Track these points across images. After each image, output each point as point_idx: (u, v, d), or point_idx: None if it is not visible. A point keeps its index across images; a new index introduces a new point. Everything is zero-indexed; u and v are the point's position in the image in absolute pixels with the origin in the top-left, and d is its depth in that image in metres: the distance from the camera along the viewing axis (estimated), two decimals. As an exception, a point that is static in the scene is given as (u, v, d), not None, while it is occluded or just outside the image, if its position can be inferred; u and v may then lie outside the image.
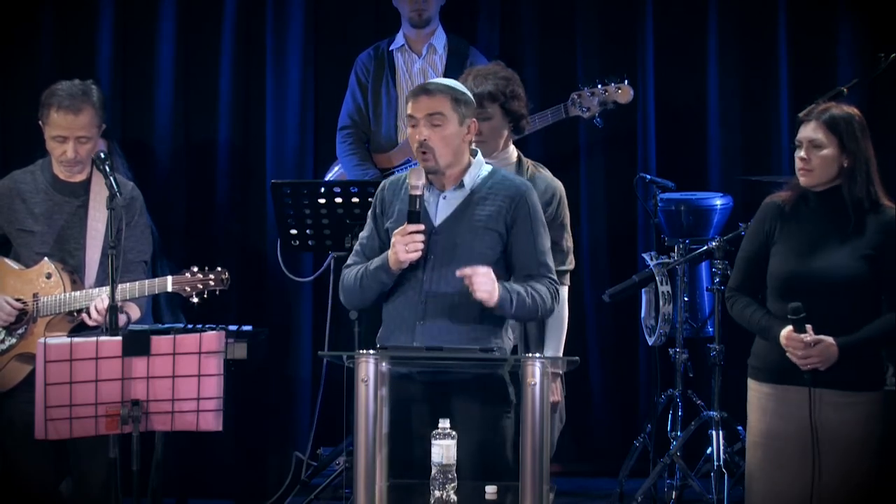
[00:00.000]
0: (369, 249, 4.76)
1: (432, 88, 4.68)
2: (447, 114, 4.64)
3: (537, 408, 4.26)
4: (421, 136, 4.63)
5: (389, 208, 4.75)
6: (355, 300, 4.79)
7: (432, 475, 4.29)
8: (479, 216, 4.66)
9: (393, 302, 4.71)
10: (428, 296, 4.63)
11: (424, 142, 4.62)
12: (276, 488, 6.85)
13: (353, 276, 4.73)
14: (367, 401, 4.33)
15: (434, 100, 4.64)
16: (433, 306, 4.63)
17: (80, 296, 5.17)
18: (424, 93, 4.66)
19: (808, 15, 7.06)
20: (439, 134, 4.63)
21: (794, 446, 4.66)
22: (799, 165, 4.70)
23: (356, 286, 4.71)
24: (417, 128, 4.64)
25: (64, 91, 5.19)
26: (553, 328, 5.14)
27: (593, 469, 7.19)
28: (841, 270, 4.63)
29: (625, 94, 6.50)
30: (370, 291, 4.70)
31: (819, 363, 4.59)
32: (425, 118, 4.62)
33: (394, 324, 4.69)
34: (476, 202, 4.68)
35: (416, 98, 4.67)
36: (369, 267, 4.68)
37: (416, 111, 4.64)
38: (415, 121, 4.65)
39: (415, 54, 6.88)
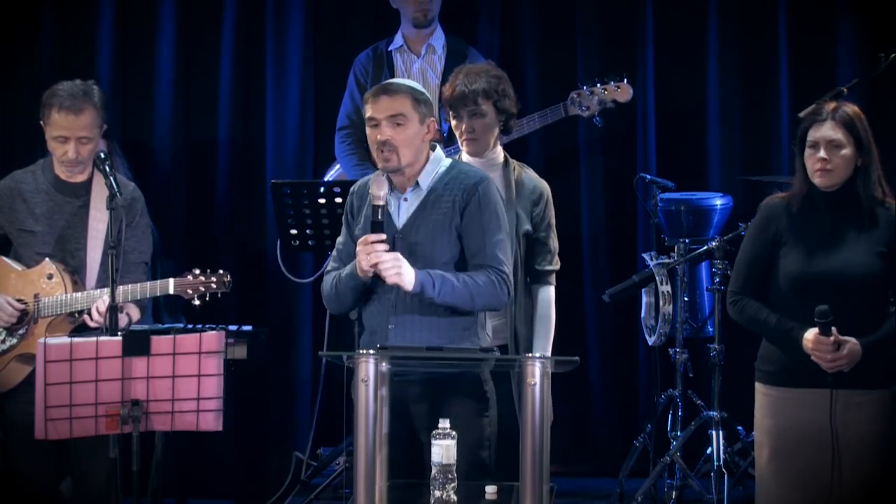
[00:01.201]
0: (345, 255, 4.76)
1: (393, 88, 4.66)
2: (408, 114, 4.62)
3: (537, 408, 4.26)
4: (383, 136, 4.61)
5: (359, 213, 4.75)
6: (333, 306, 4.80)
7: (432, 475, 4.30)
8: (436, 216, 4.66)
9: (368, 307, 4.72)
10: (397, 299, 4.64)
11: (388, 141, 4.60)
12: (276, 488, 6.85)
13: (329, 283, 4.75)
14: (367, 401, 4.33)
15: (395, 100, 4.62)
16: (402, 309, 4.64)
17: (81, 297, 5.17)
18: (385, 93, 4.64)
19: (808, 15, 7.06)
20: (402, 134, 4.62)
21: (810, 449, 4.63)
22: (818, 166, 4.64)
23: (332, 293, 4.74)
24: (379, 128, 4.62)
25: (65, 91, 5.20)
26: (541, 328, 5.14)
27: (593, 469, 7.19)
28: (856, 269, 4.62)
29: (624, 92, 6.49)
30: (346, 297, 4.71)
31: (846, 365, 4.58)
32: (387, 119, 4.61)
33: (370, 327, 4.70)
34: (433, 201, 4.68)
35: (376, 99, 4.64)
36: (341, 274, 4.70)
37: (377, 112, 4.62)
38: (376, 121, 4.63)
39: (413, 55, 6.88)
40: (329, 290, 4.75)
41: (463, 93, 5.09)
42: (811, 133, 4.67)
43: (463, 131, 5.15)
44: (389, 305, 4.65)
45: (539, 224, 5.12)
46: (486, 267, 4.65)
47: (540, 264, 5.18)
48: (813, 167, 4.66)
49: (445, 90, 5.20)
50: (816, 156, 4.65)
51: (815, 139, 4.67)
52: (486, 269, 4.65)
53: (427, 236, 4.64)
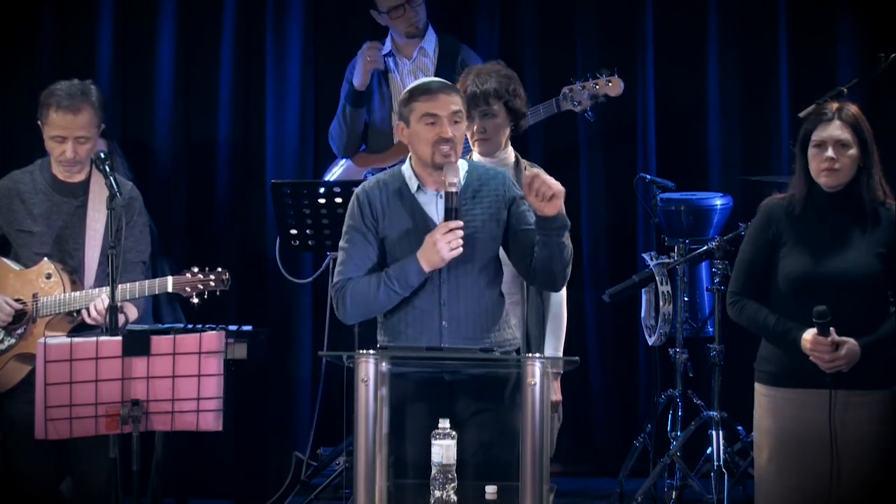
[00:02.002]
0: (366, 261, 4.66)
1: (448, 86, 4.67)
2: (464, 111, 4.67)
3: (537, 408, 4.26)
4: (447, 133, 4.59)
5: (383, 217, 4.67)
6: (371, 310, 4.69)
7: (432, 475, 4.30)
8: (480, 209, 4.66)
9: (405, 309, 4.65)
10: (448, 297, 4.62)
11: (451, 139, 4.60)
12: (276, 488, 6.85)
13: (368, 287, 4.62)
14: (367, 401, 4.33)
15: (454, 98, 4.64)
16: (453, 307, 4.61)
17: (79, 296, 5.17)
18: (443, 91, 4.64)
19: (808, 15, 7.06)
20: (459, 131, 4.64)
21: (810, 449, 4.63)
22: (825, 166, 4.63)
23: (376, 296, 4.61)
24: (440, 125, 4.60)
25: (63, 91, 5.19)
26: (553, 327, 5.14)
27: (593, 469, 7.19)
28: (856, 269, 4.62)
29: (615, 86, 6.47)
30: (394, 298, 4.62)
31: (844, 366, 4.58)
32: (449, 116, 4.60)
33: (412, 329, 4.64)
34: (469, 197, 4.67)
35: (434, 96, 4.62)
36: (392, 274, 4.59)
37: (440, 109, 4.60)
38: (437, 118, 4.60)
39: (405, 58, 6.87)
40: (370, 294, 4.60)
41: (474, 93, 5.09)
42: (817, 133, 4.66)
43: (474, 132, 5.15)
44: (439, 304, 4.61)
45: None
46: None
47: None
48: (819, 167, 4.65)
49: None
50: (824, 155, 4.64)
51: (822, 139, 4.65)
52: None
53: (476, 230, 4.64)
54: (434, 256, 4.54)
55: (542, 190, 4.50)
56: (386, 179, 4.73)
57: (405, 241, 4.63)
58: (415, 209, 4.66)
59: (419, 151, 4.65)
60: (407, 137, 4.68)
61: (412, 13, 6.76)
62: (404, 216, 4.65)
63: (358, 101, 6.79)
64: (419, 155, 4.65)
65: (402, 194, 4.68)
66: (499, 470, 4.48)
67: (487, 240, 4.66)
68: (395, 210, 4.66)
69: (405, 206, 4.67)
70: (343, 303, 4.66)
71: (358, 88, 6.77)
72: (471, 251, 4.60)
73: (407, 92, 4.70)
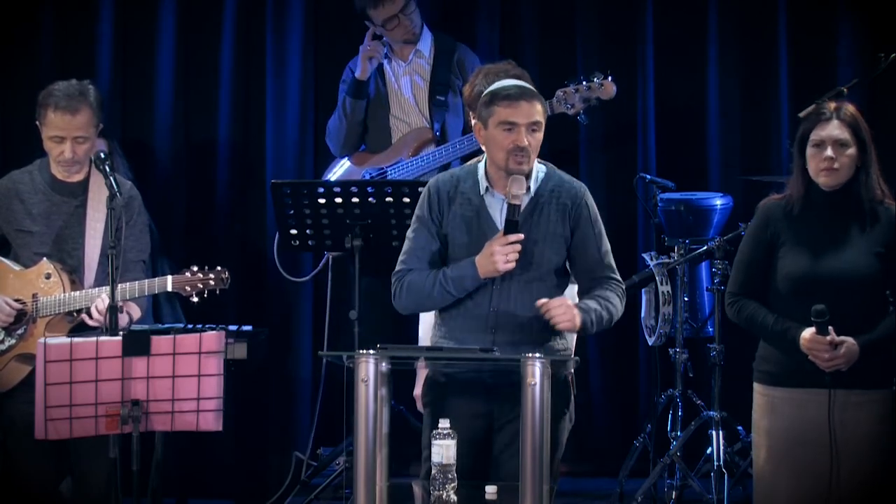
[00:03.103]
0: (426, 254, 4.67)
1: (529, 94, 4.62)
2: (542, 121, 4.62)
3: (537, 408, 4.26)
4: (523, 142, 4.56)
5: (447, 211, 4.68)
6: (424, 306, 4.73)
7: (432, 475, 4.29)
8: (545, 221, 4.64)
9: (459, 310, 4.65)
10: (499, 303, 4.61)
11: (526, 148, 4.57)
12: (276, 488, 6.85)
13: (425, 283, 4.62)
14: (367, 401, 4.33)
15: (534, 107, 4.59)
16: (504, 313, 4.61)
17: (79, 296, 5.17)
18: (524, 98, 4.59)
19: (808, 15, 7.06)
20: (535, 140, 4.60)
21: (810, 449, 4.63)
22: (824, 165, 4.63)
23: (431, 294, 4.62)
24: (517, 133, 4.57)
25: (61, 91, 5.19)
26: None
27: (593, 469, 7.19)
28: (857, 269, 4.62)
29: (607, 90, 6.46)
30: (448, 299, 4.63)
31: (843, 365, 4.58)
32: (527, 126, 4.57)
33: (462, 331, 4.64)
34: (541, 206, 4.65)
35: (515, 103, 4.58)
36: (449, 275, 4.60)
37: (518, 117, 4.57)
38: (514, 126, 4.57)
39: (401, 60, 6.87)
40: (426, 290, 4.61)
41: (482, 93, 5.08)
42: (816, 132, 4.66)
43: None
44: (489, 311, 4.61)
45: None
46: (606, 279, 4.68)
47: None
48: (818, 166, 4.65)
49: (465, 90, 5.18)
50: (823, 154, 4.64)
51: (821, 138, 4.65)
52: (608, 282, 4.68)
53: (537, 241, 4.62)
54: (489, 266, 4.55)
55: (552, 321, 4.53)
56: (460, 175, 4.73)
57: (465, 240, 4.64)
58: (480, 210, 4.65)
59: (493, 155, 4.63)
60: (483, 139, 4.66)
61: (407, 21, 6.76)
62: (468, 215, 4.65)
63: (359, 91, 6.78)
64: (493, 159, 4.64)
65: (471, 193, 4.67)
66: None
67: (547, 251, 4.64)
68: (461, 208, 4.66)
69: (471, 205, 4.66)
70: (400, 293, 4.69)
71: (359, 78, 6.77)
72: (528, 260, 4.60)
73: (488, 94, 4.66)
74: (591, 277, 4.69)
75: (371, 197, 5.95)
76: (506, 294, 4.61)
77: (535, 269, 4.62)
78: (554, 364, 4.40)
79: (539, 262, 4.62)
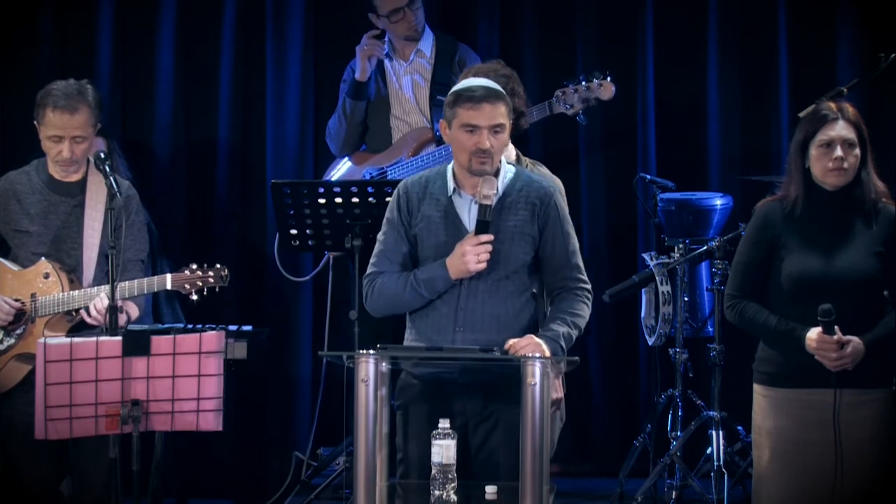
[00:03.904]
0: (397, 255, 4.68)
1: (492, 96, 4.60)
2: (506, 122, 4.61)
3: (537, 408, 4.26)
4: (485, 144, 4.56)
5: (416, 211, 4.69)
6: (395, 308, 4.71)
7: (432, 475, 4.29)
8: (513, 221, 4.64)
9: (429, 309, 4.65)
10: (466, 302, 4.61)
11: (488, 150, 4.57)
12: (276, 488, 6.85)
13: (396, 285, 4.63)
14: (367, 401, 4.32)
15: (497, 109, 4.58)
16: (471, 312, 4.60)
17: (78, 295, 5.17)
18: (487, 101, 4.58)
19: (808, 15, 7.06)
20: (498, 142, 4.60)
21: (812, 449, 4.63)
22: (833, 165, 4.63)
23: (402, 296, 4.63)
24: (479, 135, 4.56)
25: (59, 91, 5.19)
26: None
27: (593, 469, 7.19)
28: (857, 269, 4.62)
29: (606, 90, 6.46)
30: (419, 300, 4.63)
31: (850, 364, 4.57)
32: (489, 128, 4.57)
33: (431, 329, 4.64)
34: (508, 206, 4.65)
35: (478, 105, 4.57)
36: (420, 276, 4.60)
37: (480, 119, 4.56)
38: (476, 128, 4.57)
39: (402, 60, 6.87)
40: (396, 291, 4.63)
41: None
42: (823, 133, 4.65)
43: None
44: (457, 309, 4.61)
45: None
46: (574, 284, 4.67)
47: None
48: (826, 166, 4.64)
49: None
50: (833, 155, 4.63)
51: (829, 138, 4.65)
52: (576, 291, 4.67)
53: (504, 240, 4.62)
54: (461, 266, 4.55)
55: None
56: (429, 177, 4.73)
57: (434, 241, 4.64)
58: (448, 211, 4.65)
59: (457, 156, 4.64)
60: (448, 138, 4.67)
61: (412, 16, 6.76)
62: (437, 216, 4.65)
63: (358, 93, 6.78)
64: (457, 159, 4.65)
65: (439, 194, 4.68)
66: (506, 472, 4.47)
67: (514, 250, 4.63)
68: (430, 209, 4.67)
69: (440, 206, 4.66)
70: (371, 295, 4.70)
71: (359, 79, 6.77)
72: (496, 259, 4.60)
73: (452, 94, 4.65)
74: (558, 277, 4.68)
75: (371, 197, 5.95)
76: (473, 293, 4.61)
77: (503, 268, 4.62)
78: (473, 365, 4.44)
79: (507, 262, 4.62)
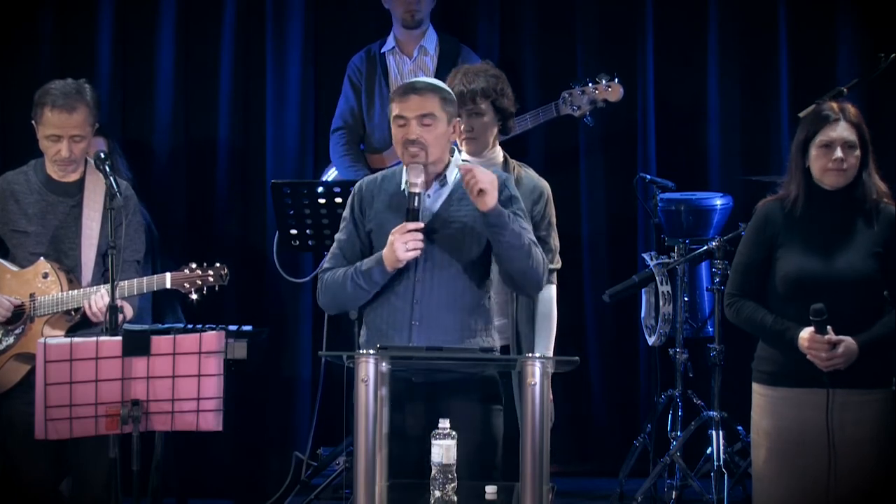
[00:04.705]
0: (350, 253, 4.71)
1: (421, 87, 4.63)
2: (437, 113, 4.61)
3: (537, 408, 4.26)
4: (412, 135, 4.58)
5: (369, 209, 4.71)
6: (340, 302, 4.73)
7: (432, 475, 4.29)
8: (463, 212, 4.64)
9: (381, 304, 4.67)
10: (421, 295, 4.61)
11: (417, 139, 4.58)
12: (276, 488, 6.85)
13: (339, 278, 4.66)
14: (367, 401, 4.33)
15: (425, 99, 4.60)
16: (427, 305, 4.61)
17: (77, 294, 5.17)
18: (414, 92, 4.61)
19: (808, 15, 7.06)
20: (430, 133, 4.59)
21: (808, 449, 4.63)
22: (833, 166, 4.63)
23: (344, 288, 4.64)
24: (408, 127, 4.59)
25: (58, 90, 5.19)
26: (543, 328, 5.14)
27: (593, 469, 7.19)
28: (855, 269, 4.62)
29: (615, 92, 6.47)
30: (360, 293, 4.64)
31: (842, 364, 4.58)
32: (416, 118, 4.58)
33: (385, 325, 4.65)
34: (457, 199, 4.66)
35: (405, 97, 4.61)
36: (360, 268, 4.62)
37: (407, 111, 4.59)
38: (405, 120, 4.60)
39: (406, 56, 6.88)
40: (339, 286, 4.65)
41: (461, 92, 5.09)
42: (824, 133, 4.65)
43: (462, 131, 5.15)
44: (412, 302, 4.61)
45: (539, 223, 5.13)
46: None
47: None
48: (826, 167, 4.65)
49: None
50: (833, 156, 4.63)
51: (829, 139, 4.65)
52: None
53: (454, 234, 4.62)
54: (391, 255, 4.55)
55: (471, 185, 4.49)
56: (386, 175, 4.76)
57: (383, 229, 4.64)
58: (399, 207, 4.65)
59: (396, 150, 4.68)
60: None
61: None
62: (389, 213, 4.66)
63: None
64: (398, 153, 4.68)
65: (392, 192, 4.69)
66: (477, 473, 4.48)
67: (466, 244, 4.63)
68: (383, 206, 4.68)
69: (392, 203, 4.68)
70: (320, 291, 4.74)
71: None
72: (448, 254, 4.61)
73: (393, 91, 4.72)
74: None
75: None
76: (428, 288, 4.61)
77: (456, 262, 4.62)
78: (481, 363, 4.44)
79: (459, 255, 4.62)
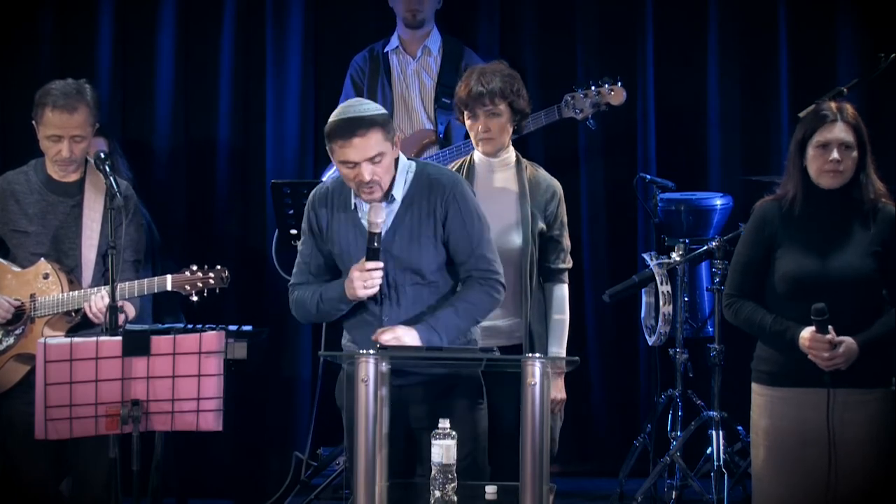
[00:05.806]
0: (315, 266, 4.74)
1: (361, 126, 4.50)
2: (384, 148, 4.54)
3: (537, 408, 4.26)
4: (366, 177, 4.51)
5: (327, 227, 4.69)
6: (311, 320, 4.84)
7: (432, 475, 4.30)
8: (416, 224, 4.63)
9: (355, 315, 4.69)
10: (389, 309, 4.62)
11: (371, 181, 4.52)
12: (276, 488, 6.85)
13: (308, 300, 4.70)
14: (367, 401, 4.33)
15: (368, 139, 4.50)
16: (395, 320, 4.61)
17: (77, 295, 5.17)
18: (355, 134, 4.49)
19: (808, 15, 7.07)
20: (381, 167, 4.54)
21: (808, 449, 4.63)
22: (829, 167, 4.63)
23: (313, 310, 4.70)
24: (359, 169, 4.51)
25: (58, 90, 5.18)
26: (556, 327, 5.16)
27: (593, 469, 7.19)
28: (854, 268, 4.62)
29: (617, 95, 6.47)
30: (329, 316, 4.73)
31: (843, 364, 4.58)
32: (366, 161, 4.51)
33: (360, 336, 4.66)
34: (410, 210, 4.64)
35: (347, 141, 4.50)
36: (324, 294, 4.66)
37: (354, 156, 4.50)
38: (354, 164, 4.51)
39: (409, 56, 6.88)
40: (309, 307, 4.70)
41: (480, 92, 5.09)
42: (820, 134, 4.65)
43: (479, 131, 5.15)
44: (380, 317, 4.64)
45: (552, 223, 5.15)
46: (476, 275, 4.65)
47: (554, 262, 5.20)
48: (823, 168, 4.64)
49: (460, 90, 5.18)
50: (829, 157, 4.63)
51: (826, 140, 4.64)
52: (477, 281, 4.64)
53: (410, 247, 4.61)
54: (351, 291, 4.58)
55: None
56: (334, 188, 4.72)
57: (342, 249, 4.67)
58: (356, 222, 4.66)
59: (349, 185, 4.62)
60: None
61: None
62: (344, 227, 4.67)
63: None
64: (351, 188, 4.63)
65: (345, 206, 4.68)
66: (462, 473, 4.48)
67: (424, 254, 4.63)
68: (337, 220, 4.68)
69: (347, 218, 4.67)
70: (292, 307, 4.79)
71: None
72: (409, 266, 4.61)
73: (328, 125, 4.58)
74: (463, 268, 4.67)
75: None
76: (395, 299, 4.63)
77: (418, 273, 4.62)
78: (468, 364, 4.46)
79: (419, 267, 4.62)
